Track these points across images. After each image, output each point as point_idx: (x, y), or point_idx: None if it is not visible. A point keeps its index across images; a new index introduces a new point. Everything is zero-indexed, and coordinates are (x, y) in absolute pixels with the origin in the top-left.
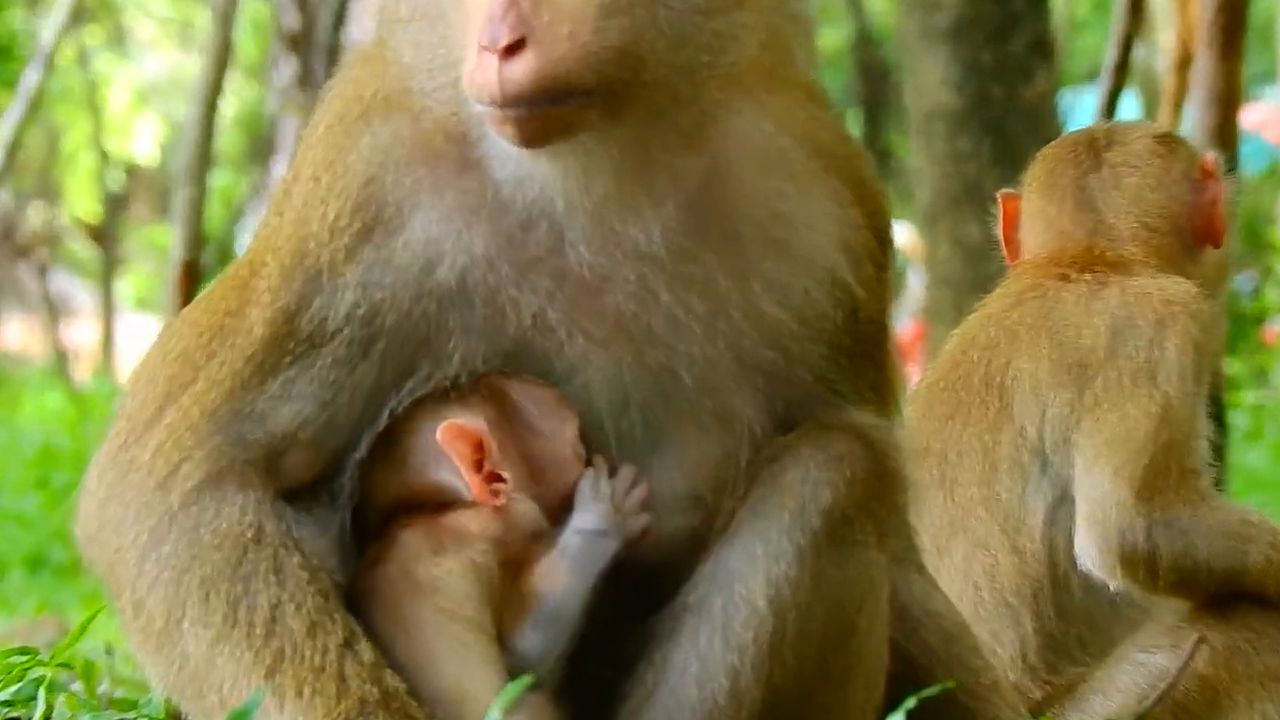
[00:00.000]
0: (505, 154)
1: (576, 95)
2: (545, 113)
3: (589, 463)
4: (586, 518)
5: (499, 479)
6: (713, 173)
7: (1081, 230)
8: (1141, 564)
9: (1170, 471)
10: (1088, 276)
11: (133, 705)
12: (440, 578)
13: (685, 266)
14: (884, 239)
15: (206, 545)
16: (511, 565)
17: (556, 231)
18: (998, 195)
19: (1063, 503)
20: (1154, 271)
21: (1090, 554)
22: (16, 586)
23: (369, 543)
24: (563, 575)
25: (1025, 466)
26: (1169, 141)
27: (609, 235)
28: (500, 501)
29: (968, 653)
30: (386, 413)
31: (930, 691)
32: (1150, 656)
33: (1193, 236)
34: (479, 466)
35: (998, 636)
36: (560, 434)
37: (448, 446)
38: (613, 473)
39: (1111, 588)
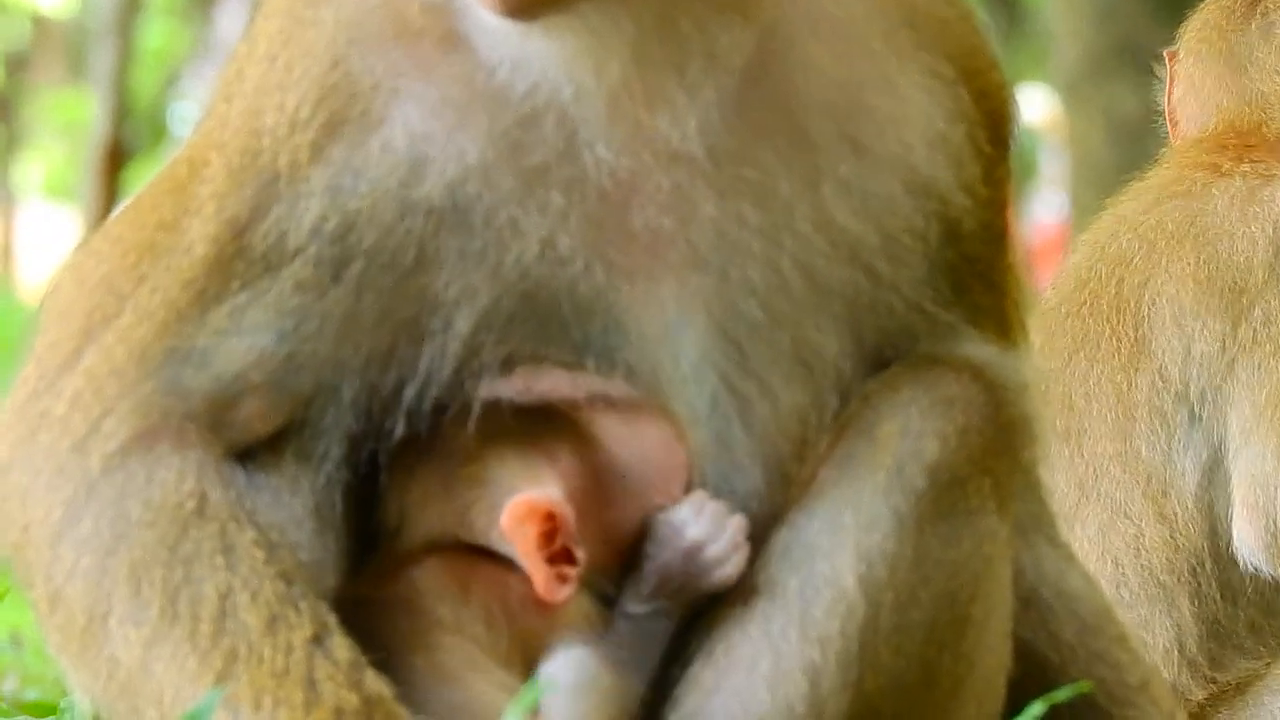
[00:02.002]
0: (494, 30)
1: None
2: None
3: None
4: (645, 587)
5: (570, 559)
6: (767, 52)
7: (1231, 100)
8: None
9: None
10: (1245, 168)
11: (50, 710)
12: (463, 619)
13: (734, 169)
14: (998, 128)
15: (135, 521)
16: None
17: (568, 129)
18: (1165, 53)
19: (1220, 463)
20: None
21: (1253, 547)
22: None
23: (385, 539)
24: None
25: (1168, 417)
26: None
27: (634, 131)
28: (564, 595)
29: (1111, 645)
30: (401, 408)
31: (1061, 695)
32: None
33: None
34: (549, 540)
35: (1147, 624)
36: (661, 497)
37: (515, 531)
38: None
39: None
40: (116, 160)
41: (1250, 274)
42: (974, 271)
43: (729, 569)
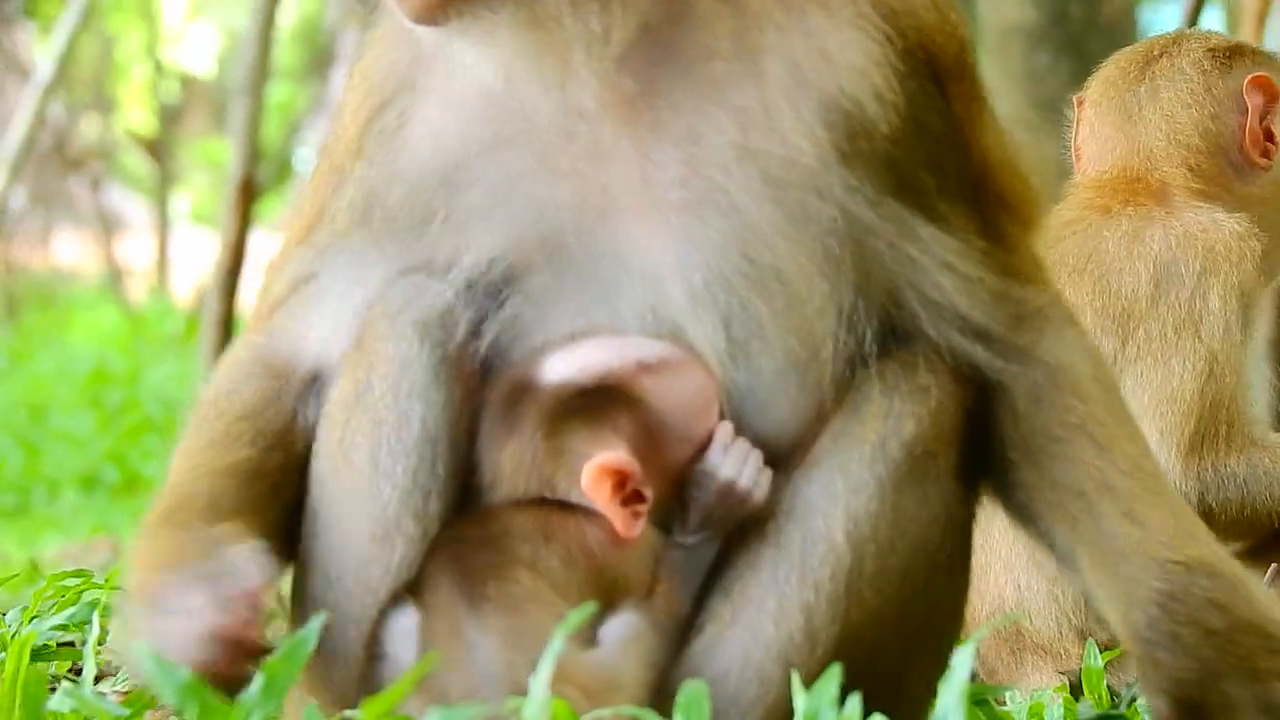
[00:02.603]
0: (437, 38)
1: None
2: None
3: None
4: (692, 522)
5: (640, 499)
6: (670, 17)
7: (1121, 149)
8: None
9: (1219, 427)
10: (1130, 210)
11: None
12: (540, 557)
13: (643, 115)
14: (931, 53)
15: (224, 371)
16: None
17: (520, 104)
18: (1074, 98)
19: None
20: (1199, 201)
21: None
22: (70, 507)
23: (481, 495)
24: (667, 607)
25: None
26: (1226, 54)
27: (557, 100)
28: (639, 529)
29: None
30: (463, 320)
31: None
32: None
33: (1242, 158)
34: (622, 488)
35: (1055, 597)
36: (702, 429)
37: (594, 489)
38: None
39: None
40: (249, 195)
41: (1136, 302)
42: (931, 165)
43: (758, 494)
